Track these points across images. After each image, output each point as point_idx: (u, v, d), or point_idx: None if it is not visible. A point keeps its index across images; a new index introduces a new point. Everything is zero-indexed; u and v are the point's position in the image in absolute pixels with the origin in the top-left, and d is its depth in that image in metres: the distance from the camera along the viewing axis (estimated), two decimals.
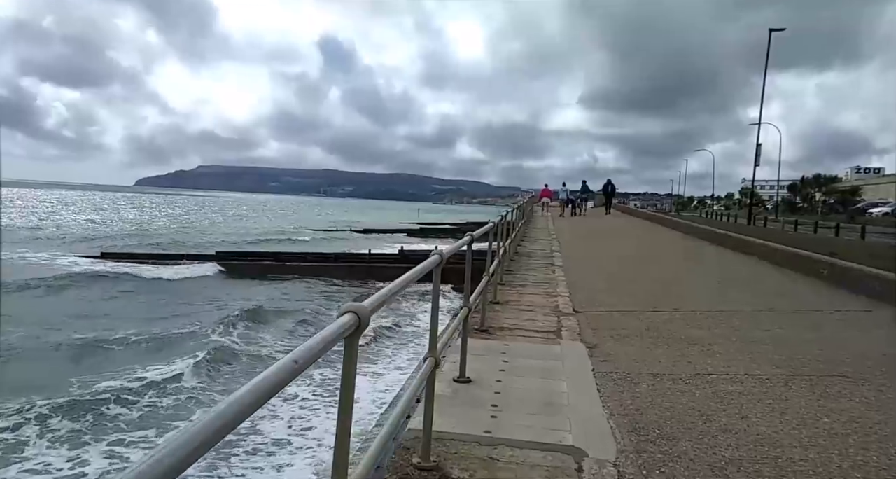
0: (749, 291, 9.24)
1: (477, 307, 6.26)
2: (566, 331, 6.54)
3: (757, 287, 9.58)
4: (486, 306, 7.45)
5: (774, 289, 9.28)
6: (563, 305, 8.03)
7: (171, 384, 10.59)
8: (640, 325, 6.93)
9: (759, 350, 5.76)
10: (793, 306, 8.13)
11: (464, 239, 4.69)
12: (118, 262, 32.05)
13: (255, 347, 13.78)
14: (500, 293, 8.62)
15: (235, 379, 11.08)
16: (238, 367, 12.15)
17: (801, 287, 9.87)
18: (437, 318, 3.38)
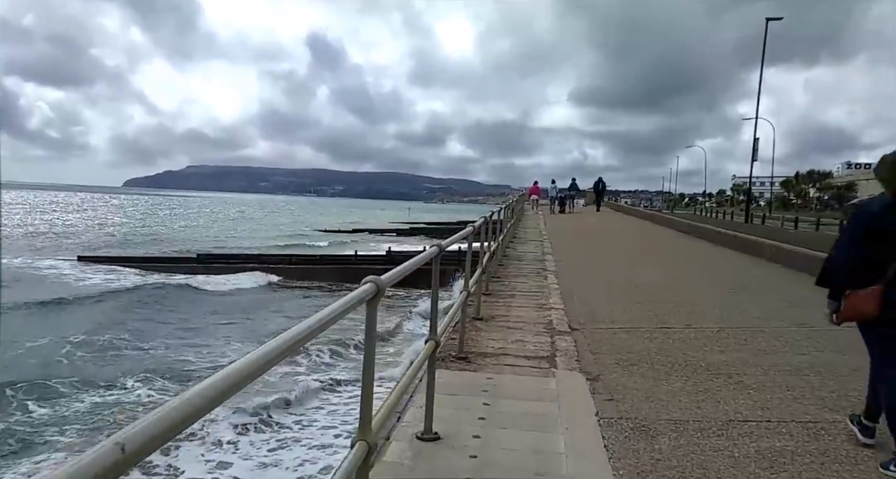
0: (769, 301, 8.16)
1: (470, 301, 5.17)
2: (562, 356, 5.45)
3: (777, 297, 8.49)
4: (467, 324, 6.35)
5: (799, 299, 8.21)
6: (558, 320, 6.93)
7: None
8: (648, 347, 5.85)
9: (801, 384, 4.69)
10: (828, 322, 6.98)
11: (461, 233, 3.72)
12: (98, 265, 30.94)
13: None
14: (484, 307, 7.52)
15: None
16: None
17: None
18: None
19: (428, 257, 3.36)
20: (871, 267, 3.30)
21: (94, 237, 45.32)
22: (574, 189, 35.87)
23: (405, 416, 3.89)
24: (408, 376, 3.11)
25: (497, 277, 10.04)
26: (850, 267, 3.38)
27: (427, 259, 3.38)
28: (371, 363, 2.15)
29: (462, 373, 4.85)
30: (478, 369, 4.99)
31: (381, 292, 2.10)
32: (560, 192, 34.61)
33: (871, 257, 3.30)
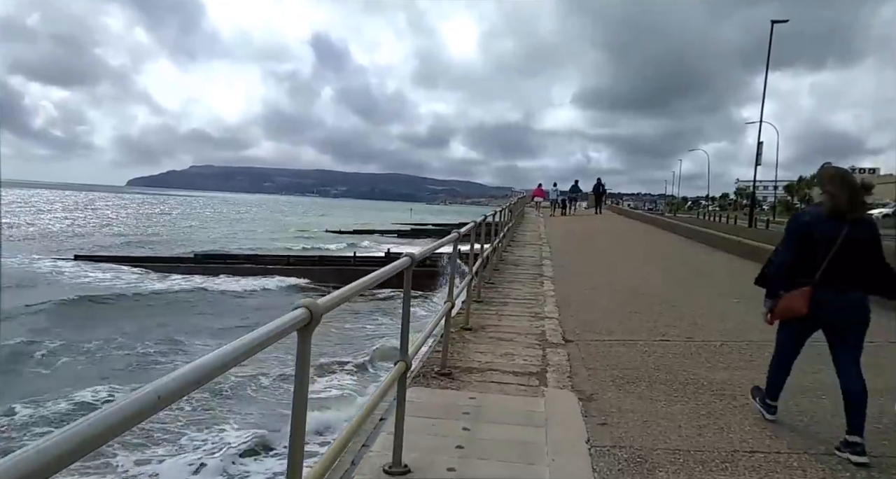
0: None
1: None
2: (553, 372, 5.05)
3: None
4: (454, 334, 5.97)
5: None
6: (551, 331, 6.54)
7: None
8: (646, 362, 5.46)
9: (814, 408, 4.29)
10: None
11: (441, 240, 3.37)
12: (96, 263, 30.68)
13: None
14: (475, 315, 7.14)
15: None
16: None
17: None
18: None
19: (396, 270, 2.98)
20: (803, 271, 3.67)
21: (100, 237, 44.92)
22: (576, 191, 35.62)
23: (374, 444, 3.50)
24: (370, 405, 2.73)
25: (491, 282, 9.65)
26: (786, 270, 3.76)
27: (397, 271, 3.00)
28: (303, 406, 1.76)
29: (443, 392, 4.46)
30: (461, 387, 4.60)
31: (315, 319, 1.73)
32: (561, 194, 34.51)
33: (802, 261, 3.67)
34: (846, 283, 3.60)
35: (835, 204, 3.62)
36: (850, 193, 3.60)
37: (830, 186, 3.66)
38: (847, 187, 3.61)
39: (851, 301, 3.63)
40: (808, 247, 3.65)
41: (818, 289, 3.62)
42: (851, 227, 3.58)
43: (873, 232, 3.69)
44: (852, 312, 3.65)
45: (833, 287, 3.60)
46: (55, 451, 0.82)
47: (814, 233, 3.64)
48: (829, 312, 3.65)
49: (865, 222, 3.69)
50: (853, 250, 3.58)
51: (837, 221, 3.60)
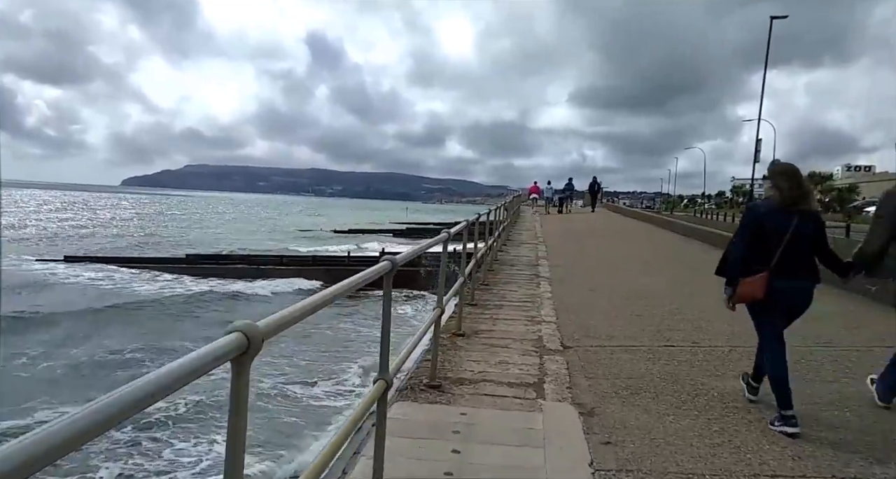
0: None
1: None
2: (551, 383, 4.69)
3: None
4: (446, 340, 5.61)
5: (818, 312, 7.48)
6: (549, 336, 6.17)
7: None
8: (651, 370, 5.09)
9: (838, 423, 3.93)
10: (859, 341, 6.25)
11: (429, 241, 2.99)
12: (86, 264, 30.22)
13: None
14: (468, 319, 6.77)
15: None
16: None
17: (862, 313, 8.04)
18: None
19: (373, 276, 2.61)
20: (759, 259, 3.94)
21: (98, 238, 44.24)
22: (570, 189, 35.42)
23: (353, 470, 3.13)
24: (346, 428, 2.36)
25: (486, 284, 9.28)
26: (742, 260, 4.01)
27: (374, 278, 2.63)
28: (240, 446, 1.39)
29: (432, 408, 4.08)
30: (451, 400, 4.23)
31: (253, 346, 1.35)
32: (556, 193, 34.39)
33: (758, 250, 3.95)
34: (797, 270, 3.94)
35: (783, 197, 3.94)
36: (795, 186, 3.93)
37: (778, 180, 3.98)
38: (793, 181, 3.94)
39: (802, 288, 4.00)
40: (762, 238, 3.95)
41: (773, 276, 3.91)
42: (800, 219, 3.91)
43: (819, 223, 4.04)
44: (802, 297, 4.03)
45: (786, 274, 3.91)
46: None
47: (766, 225, 3.94)
48: (783, 297, 3.98)
49: (812, 215, 4.01)
50: (802, 240, 3.92)
51: (787, 214, 3.92)
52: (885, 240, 4.10)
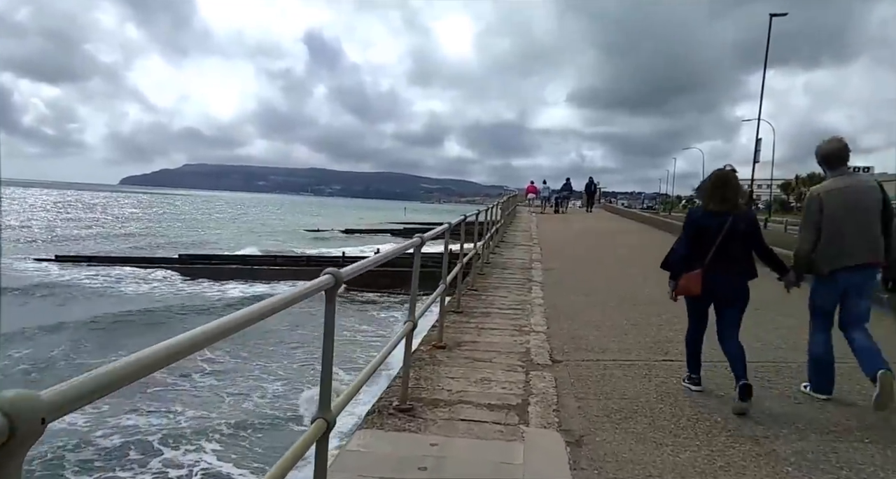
0: (790, 325, 6.91)
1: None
2: (537, 404, 4.22)
3: (800, 320, 7.22)
4: (425, 354, 5.15)
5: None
6: (537, 349, 5.71)
7: None
8: (647, 389, 4.63)
9: (860, 458, 3.46)
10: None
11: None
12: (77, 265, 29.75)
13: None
14: (451, 329, 6.31)
15: None
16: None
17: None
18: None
19: (310, 292, 2.13)
20: (696, 257, 4.37)
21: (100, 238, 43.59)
22: (567, 189, 35.08)
23: None
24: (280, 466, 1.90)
25: (474, 289, 8.81)
26: (682, 257, 4.46)
27: (311, 294, 2.16)
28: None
29: (399, 437, 3.60)
30: (422, 427, 3.76)
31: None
32: (553, 192, 34.23)
33: (697, 249, 4.36)
34: (730, 267, 4.30)
35: (708, 201, 4.42)
36: (715, 191, 4.37)
37: (707, 186, 4.45)
38: (715, 186, 4.38)
39: (734, 283, 4.35)
40: (700, 237, 4.37)
41: (708, 272, 4.34)
42: (733, 220, 4.28)
43: (751, 225, 4.40)
44: (735, 291, 4.38)
45: (719, 270, 4.31)
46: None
47: (703, 226, 4.37)
48: (716, 291, 4.39)
49: (746, 215, 4.39)
50: (735, 238, 4.29)
51: (721, 216, 4.31)
52: (815, 239, 4.40)
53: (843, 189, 4.33)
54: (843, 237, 4.29)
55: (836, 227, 4.30)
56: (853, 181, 4.38)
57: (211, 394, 10.66)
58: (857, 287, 4.31)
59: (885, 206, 4.30)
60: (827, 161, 4.45)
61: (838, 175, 4.41)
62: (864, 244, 4.28)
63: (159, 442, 8.63)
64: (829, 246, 4.33)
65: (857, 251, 4.27)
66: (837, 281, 4.33)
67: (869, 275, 4.34)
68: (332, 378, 2.32)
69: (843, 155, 4.41)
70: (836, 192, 4.34)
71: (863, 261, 4.27)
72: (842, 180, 4.37)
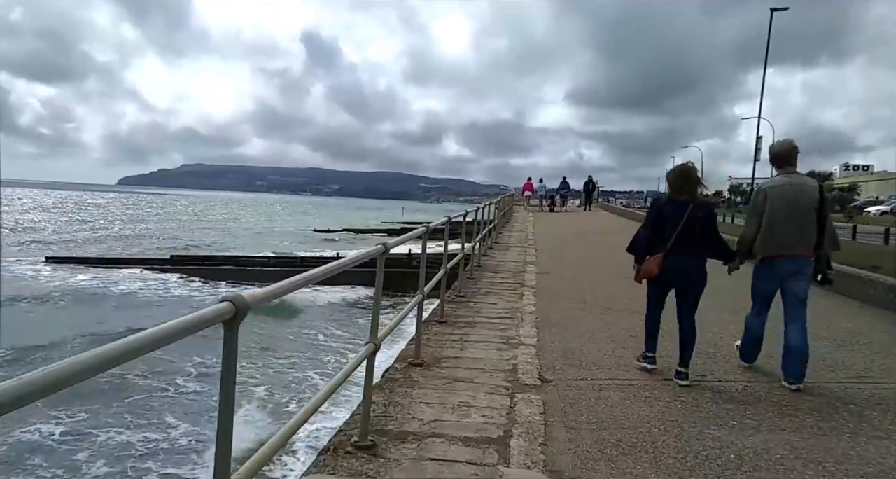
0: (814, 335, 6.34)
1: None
2: (521, 437, 3.64)
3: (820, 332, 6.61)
4: (399, 373, 4.59)
5: (847, 333, 6.48)
6: (526, 365, 5.13)
7: None
8: (648, 416, 4.05)
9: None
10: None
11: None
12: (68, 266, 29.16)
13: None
14: (433, 341, 5.74)
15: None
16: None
17: (880, 326, 7.06)
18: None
19: (202, 325, 1.55)
20: (658, 242, 4.75)
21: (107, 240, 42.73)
22: (565, 188, 34.67)
23: None
24: None
25: (462, 295, 8.24)
26: (646, 242, 4.83)
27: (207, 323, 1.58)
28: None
29: None
30: (383, 470, 3.17)
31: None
32: (549, 191, 33.98)
33: (659, 235, 4.74)
34: (689, 252, 4.67)
35: (671, 191, 4.83)
36: (680, 182, 4.75)
37: (671, 178, 4.84)
38: (678, 179, 4.76)
39: (692, 266, 4.70)
40: (661, 223, 4.74)
41: (668, 256, 4.69)
42: (693, 209, 4.66)
43: (709, 212, 4.79)
44: (693, 275, 4.74)
45: (679, 255, 4.67)
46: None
47: (664, 214, 4.75)
48: (675, 274, 4.74)
49: (704, 204, 4.79)
50: (693, 226, 4.65)
51: (681, 204, 4.69)
52: (757, 228, 4.85)
53: (786, 186, 4.80)
54: (780, 229, 4.74)
55: (775, 219, 4.76)
56: (797, 180, 4.82)
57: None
58: (792, 273, 4.75)
59: (821, 205, 4.74)
60: (775, 161, 4.94)
61: (784, 173, 4.87)
62: (797, 237, 4.72)
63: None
64: (767, 235, 4.80)
65: (791, 242, 4.73)
66: (773, 269, 4.82)
67: (801, 264, 4.75)
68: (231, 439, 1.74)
69: (790, 156, 4.87)
70: (780, 187, 4.81)
71: (794, 252, 4.73)
72: (787, 178, 4.83)
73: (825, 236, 4.76)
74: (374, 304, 3.47)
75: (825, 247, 4.79)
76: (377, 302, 3.47)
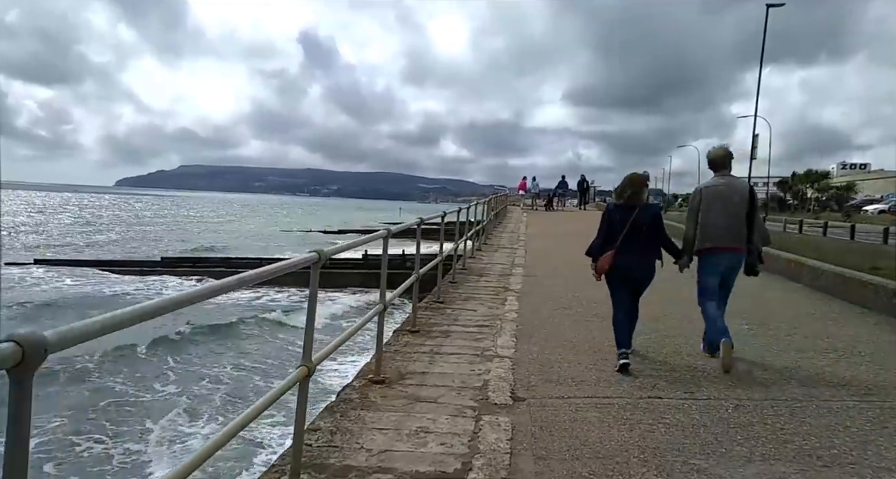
0: (806, 346, 5.88)
1: None
2: (481, 469, 3.20)
3: (818, 342, 6.14)
4: (354, 392, 4.16)
5: (846, 339, 6.05)
6: (498, 381, 4.68)
7: None
8: (628, 441, 3.61)
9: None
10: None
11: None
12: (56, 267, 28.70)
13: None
14: (401, 354, 5.30)
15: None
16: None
17: (883, 335, 6.63)
18: None
19: None
20: (612, 242, 5.23)
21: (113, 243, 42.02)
22: (562, 187, 34.39)
23: None
24: None
25: (440, 301, 7.80)
26: (600, 241, 5.32)
27: None
28: None
29: None
30: None
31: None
32: (542, 190, 33.93)
33: (611, 236, 5.25)
34: (637, 251, 5.12)
35: (619, 196, 5.30)
36: (626, 189, 5.21)
37: (621, 184, 5.29)
38: (626, 185, 5.23)
39: (640, 264, 5.16)
40: (612, 226, 5.19)
41: (617, 254, 5.13)
42: (639, 212, 5.13)
43: (654, 214, 5.21)
44: (641, 270, 5.19)
45: (627, 254, 5.11)
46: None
47: (614, 217, 5.21)
48: (625, 269, 5.18)
49: (651, 208, 5.25)
50: (640, 227, 5.10)
51: (629, 208, 5.16)
52: (696, 225, 5.37)
53: (719, 187, 5.34)
54: (714, 225, 5.28)
55: (709, 216, 5.30)
56: (729, 181, 5.37)
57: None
58: (728, 264, 5.32)
59: (751, 204, 5.27)
60: (711, 165, 5.49)
61: (719, 176, 5.41)
62: (729, 232, 5.25)
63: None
64: (703, 230, 5.32)
65: (723, 237, 5.26)
66: (713, 260, 5.33)
67: (734, 256, 5.31)
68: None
69: (725, 161, 5.44)
70: (714, 188, 5.36)
71: (726, 245, 5.27)
72: (721, 180, 5.38)
73: (755, 232, 5.30)
74: (306, 321, 3.02)
75: (755, 241, 5.32)
76: (310, 318, 3.02)
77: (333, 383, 9.75)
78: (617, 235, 5.13)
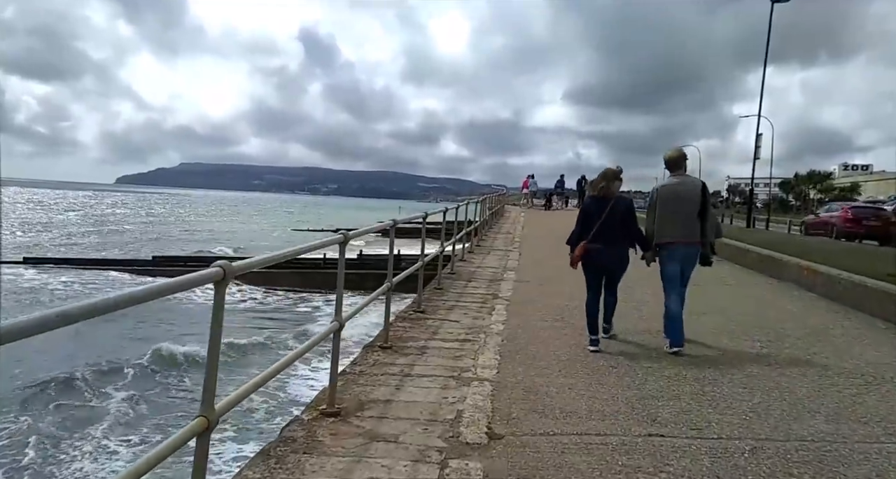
0: (829, 374, 5.19)
1: None
2: None
3: (842, 365, 5.42)
4: (295, 437, 3.49)
5: (874, 366, 5.38)
6: (473, 413, 4.01)
7: None
8: None
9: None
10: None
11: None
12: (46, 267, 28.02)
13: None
14: (366, 375, 4.63)
15: None
16: None
17: None
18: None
19: None
20: (587, 231, 5.64)
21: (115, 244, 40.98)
22: (561, 187, 33.86)
23: None
24: None
25: (420, 311, 7.13)
26: (577, 234, 5.73)
27: None
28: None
29: None
30: None
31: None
32: (540, 190, 33.56)
33: (587, 227, 5.65)
34: (610, 240, 5.60)
35: (593, 189, 5.86)
36: (599, 183, 5.76)
37: (596, 178, 5.90)
38: (600, 179, 5.79)
39: (613, 253, 5.65)
40: (589, 217, 5.68)
41: (590, 244, 5.62)
42: (613, 204, 5.63)
43: (626, 206, 5.72)
44: (614, 259, 5.69)
45: (602, 242, 5.60)
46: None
47: (590, 208, 5.75)
48: (600, 258, 5.67)
49: (624, 200, 5.78)
50: (613, 218, 5.59)
51: (604, 201, 5.67)
52: (654, 223, 5.75)
53: (675, 185, 5.74)
54: (670, 220, 5.66)
55: (665, 212, 5.69)
56: (683, 180, 5.76)
57: None
58: (685, 257, 5.70)
59: (703, 200, 5.63)
60: (668, 165, 5.84)
61: (674, 176, 5.79)
62: (682, 227, 5.62)
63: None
64: (660, 225, 5.71)
65: (678, 232, 5.63)
66: (671, 253, 5.69)
67: (689, 250, 5.69)
68: None
69: (680, 161, 5.83)
70: (670, 187, 5.77)
71: (681, 239, 5.64)
72: (676, 179, 5.77)
73: (707, 226, 5.68)
74: (208, 358, 2.34)
75: (708, 235, 5.73)
76: (213, 354, 2.34)
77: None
78: (593, 226, 5.54)
